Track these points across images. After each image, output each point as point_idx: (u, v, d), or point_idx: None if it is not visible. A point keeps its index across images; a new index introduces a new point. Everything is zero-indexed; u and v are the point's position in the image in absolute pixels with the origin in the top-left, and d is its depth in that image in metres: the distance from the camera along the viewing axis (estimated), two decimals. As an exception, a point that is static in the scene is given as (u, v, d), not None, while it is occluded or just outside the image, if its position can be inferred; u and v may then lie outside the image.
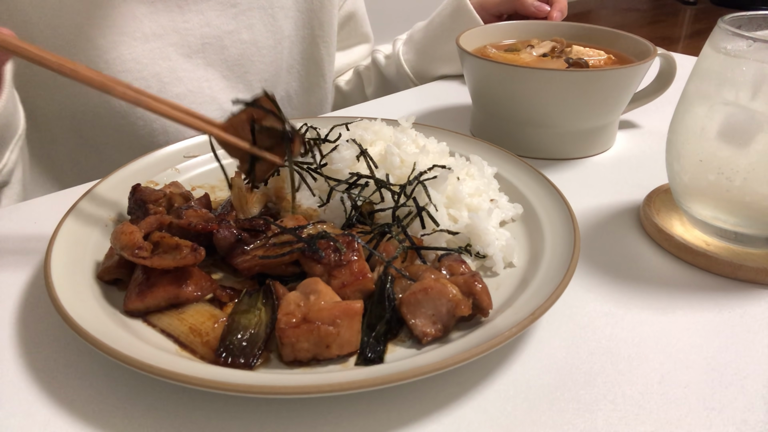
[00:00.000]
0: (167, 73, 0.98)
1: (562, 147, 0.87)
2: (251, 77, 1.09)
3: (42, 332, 0.55)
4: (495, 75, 0.85)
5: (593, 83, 0.80)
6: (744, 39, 0.57)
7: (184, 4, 0.98)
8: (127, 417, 0.47)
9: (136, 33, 0.94)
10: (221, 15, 1.02)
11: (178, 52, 0.99)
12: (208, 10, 1.01)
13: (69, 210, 0.64)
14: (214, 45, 1.03)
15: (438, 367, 0.45)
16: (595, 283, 0.62)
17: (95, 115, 0.95)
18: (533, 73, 0.80)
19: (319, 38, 1.18)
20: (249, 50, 1.07)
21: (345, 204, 0.64)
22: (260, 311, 0.52)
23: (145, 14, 0.95)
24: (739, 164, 0.59)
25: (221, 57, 1.04)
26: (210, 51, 1.03)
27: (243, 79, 1.08)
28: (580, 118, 0.84)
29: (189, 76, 1.01)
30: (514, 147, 0.83)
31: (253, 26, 1.06)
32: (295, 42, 1.15)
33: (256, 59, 1.09)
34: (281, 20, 1.10)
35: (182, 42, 0.99)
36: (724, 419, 0.47)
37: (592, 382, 0.50)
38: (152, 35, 0.95)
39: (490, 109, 0.90)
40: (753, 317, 0.57)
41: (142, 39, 0.94)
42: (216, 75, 1.05)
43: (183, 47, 1.00)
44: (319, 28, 1.17)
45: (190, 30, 1.00)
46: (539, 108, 0.84)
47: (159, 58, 0.97)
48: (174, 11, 0.98)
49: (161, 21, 0.96)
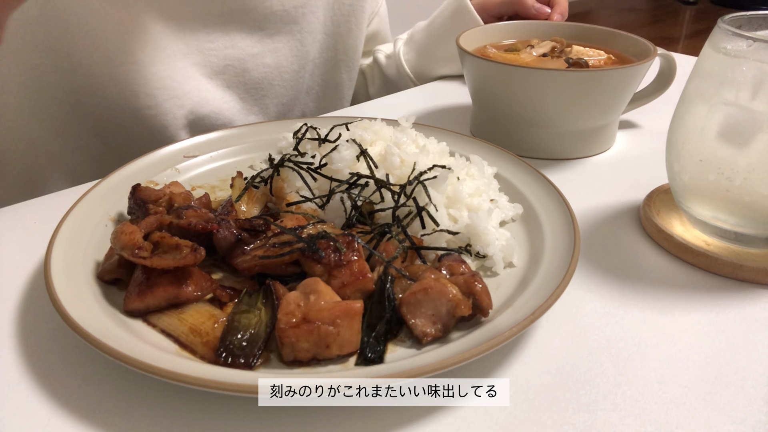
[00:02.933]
0: (195, 92, 0.97)
1: (562, 147, 0.87)
2: (268, 101, 1.08)
3: (42, 332, 0.55)
4: (495, 75, 0.85)
5: (593, 83, 0.80)
6: (744, 39, 0.57)
7: (210, 24, 0.97)
8: (127, 417, 0.47)
9: (167, 50, 0.92)
10: (247, 37, 1.01)
11: (200, 72, 0.98)
12: (234, 31, 0.99)
13: (69, 210, 0.64)
14: (236, 67, 1.01)
15: (438, 367, 0.45)
16: (595, 283, 0.62)
17: (124, 129, 0.94)
18: (533, 73, 0.80)
19: (342, 63, 1.17)
20: (271, 74, 1.06)
21: (345, 204, 0.64)
22: (260, 311, 0.52)
23: (173, 32, 0.93)
24: (739, 164, 0.59)
25: (241, 80, 1.03)
26: (231, 73, 1.01)
27: (260, 102, 1.07)
28: (580, 118, 0.84)
29: (212, 97, 1.00)
30: (514, 147, 0.83)
31: (278, 50, 1.05)
32: (318, 65, 1.14)
33: (277, 83, 1.07)
34: (308, 45, 1.08)
35: (205, 62, 0.98)
36: (724, 419, 0.47)
37: (592, 382, 0.50)
38: (179, 54, 0.94)
39: (490, 109, 0.90)
40: (753, 317, 0.57)
41: (172, 57, 0.93)
42: (233, 97, 1.04)
43: (205, 67, 0.98)
44: (344, 53, 1.16)
45: (213, 51, 0.98)
46: (539, 108, 0.84)
47: (188, 77, 0.96)
48: (200, 31, 0.96)
49: (186, 39, 0.95)
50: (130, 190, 0.66)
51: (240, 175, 0.69)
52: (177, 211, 0.62)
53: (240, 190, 0.67)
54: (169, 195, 0.65)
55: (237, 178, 0.69)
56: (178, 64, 0.94)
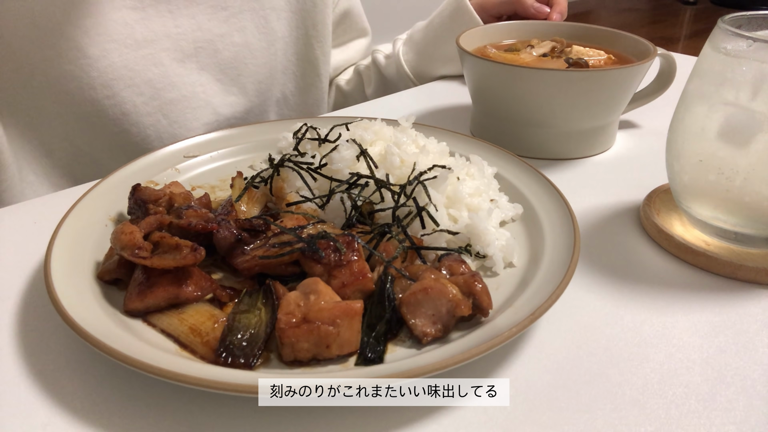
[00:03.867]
0: (160, 79, 0.98)
1: (562, 147, 0.87)
2: (245, 80, 1.09)
3: (42, 332, 0.55)
4: (495, 75, 0.85)
5: (593, 83, 0.80)
6: (744, 39, 0.57)
7: (175, 9, 0.98)
8: (127, 417, 0.47)
9: (127, 40, 0.94)
10: (212, 18, 1.02)
11: (170, 57, 0.99)
12: (199, 14, 1.01)
13: (69, 210, 0.64)
14: (206, 49, 1.03)
15: (438, 367, 0.45)
16: (595, 283, 0.62)
17: (89, 124, 0.95)
18: (533, 73, 0.80)
19: (313, 38, 1.18)
20: (242, 53, 1.07)
21: (345, 204, 0.64)
22: (260, 311, 0.52)
23: (137, 20, 0.94)
24: (739, 164, 0.59)
25: (214, 60, 1.04)
26: (203, 55, 1.03)
27: (236, 81, 1.08)
28: (580, 118, 0.84)
29: (183, 81, 1.01)
30: (514, 147, 0.83)
31: (244, 29, 1.06)
32: (289, 43, 1.15)
33: (249, 62, 1.08)
34: (273, 22, 1.10)
35: (175, 47, 0.99)
36: (724, 419, 0.47)
37: (592, 382, 0.50)
38: (144, 41, 0.95)
39: (490, 109, 0.90)
40: (753, 317, 0.57)
41: (134, 46, 0.94)
42: (209, 79, 1.05)
43: (176, 52, 0.99)
44: (313, 28, 1.17)
45: (182, 35, 0.99)
46: (539, 108, 0.84)
47: (151, 64, 0.97)
48: (165, 17, 0.97)
49: (153, 27, 0.96)
50: (130, 190, 0.66)
51: (240, 175, 0.69)
52: (177, 211, 0.62)
53: (240, 190, 0.67)
54: (169, 195, 0.65)
55: (237, 178, 0.69)
56: (142, 52, 0.95)
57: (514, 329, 0.48)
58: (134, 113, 0.97)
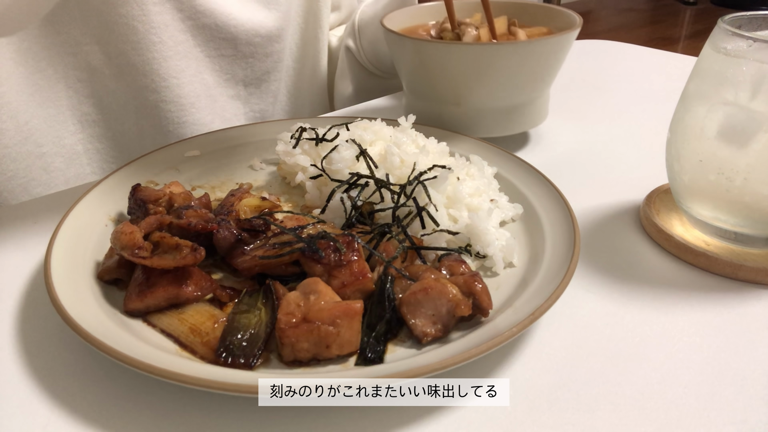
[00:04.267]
0: None
1: (494, 124, 0.86)
2: None
3: (42, 332, 0.55)
4: (421, 53, 0.82)
5: (520, 56, 0.79)
6: (744, 39, 0.57)
7: None
8: (127, 417, 0.47)
9: None
10: None
11: None
12: None
13: (69, 210, 0.64)
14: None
15: (438, 367, 0.45)
16: (595, 283, 0.62)
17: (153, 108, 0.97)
18: (460, 49, 0.79)
19: None
20: None
21: (345, 204, 0.64)
22: (260, 311, 0.52)
23: None
24: (739, 164, 0.59)
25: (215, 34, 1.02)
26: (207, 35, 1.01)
27: None
28: (510, 93, 0.83)
29: None
30: (447, 126, 0.83)
31: None
32: None
33: None
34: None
35: None
36: (724, 419, 0.47)
37: (592, 382, 0.50)
38: None
39: (421, 90, 0.89)
40: (753, 317, 0.57)
41: None
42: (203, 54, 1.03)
43: None
44: None
45: None
46: (469, 84, 0.82)
47: None
48: None
49: None
50: (130, 190, 0.66)
51: None
52: (177, 211, 0.62)
53: None
54: (169, 195, 0.65)
55: None
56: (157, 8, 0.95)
57: (514, 329, 0.48)
58: None
